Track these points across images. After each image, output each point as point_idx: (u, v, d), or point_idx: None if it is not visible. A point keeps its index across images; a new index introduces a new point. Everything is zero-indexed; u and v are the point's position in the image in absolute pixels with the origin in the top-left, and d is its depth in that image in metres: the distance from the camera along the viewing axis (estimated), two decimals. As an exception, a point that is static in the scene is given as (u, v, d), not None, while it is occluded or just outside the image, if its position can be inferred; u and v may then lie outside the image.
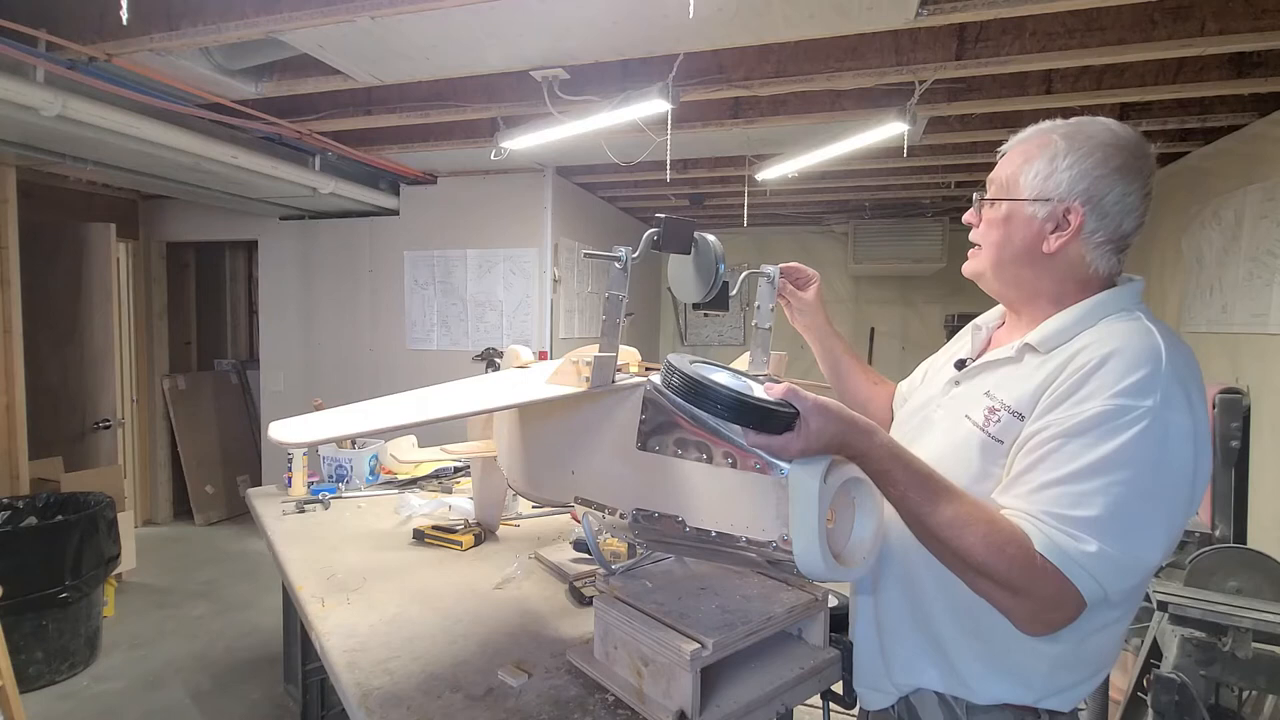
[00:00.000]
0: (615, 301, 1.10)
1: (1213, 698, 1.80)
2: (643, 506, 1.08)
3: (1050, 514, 0.82)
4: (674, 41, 2.21)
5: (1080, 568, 0.80)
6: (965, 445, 0.96)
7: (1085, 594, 0.81)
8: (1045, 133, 0.96)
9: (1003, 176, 0.99)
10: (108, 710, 2.80)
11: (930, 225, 5.35)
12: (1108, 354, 0.85)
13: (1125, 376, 0.82)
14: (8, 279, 3.41)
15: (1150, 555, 0.83)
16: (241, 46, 2.38)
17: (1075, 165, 0.91)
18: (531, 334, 4.25)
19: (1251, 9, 2.02)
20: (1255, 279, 2.81)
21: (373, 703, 1.18)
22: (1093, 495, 0.81)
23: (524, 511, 2.26)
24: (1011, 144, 1.00)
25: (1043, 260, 0.95)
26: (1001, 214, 0.97)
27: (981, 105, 2.77)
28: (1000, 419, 0.93)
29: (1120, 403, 0.81)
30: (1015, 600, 0.84)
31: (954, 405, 1.03)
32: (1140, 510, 0.81)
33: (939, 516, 0.85)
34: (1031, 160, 0.95)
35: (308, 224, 4.69)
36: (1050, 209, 0.93)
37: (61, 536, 2.96)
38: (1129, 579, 0.84)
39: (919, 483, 0.87)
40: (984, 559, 0.83)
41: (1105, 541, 0.80)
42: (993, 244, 1.00)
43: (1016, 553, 0.82)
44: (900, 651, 1.04)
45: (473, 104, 2.87)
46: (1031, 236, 0.95)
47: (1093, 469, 0.81)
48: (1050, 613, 0.83)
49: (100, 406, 4.12)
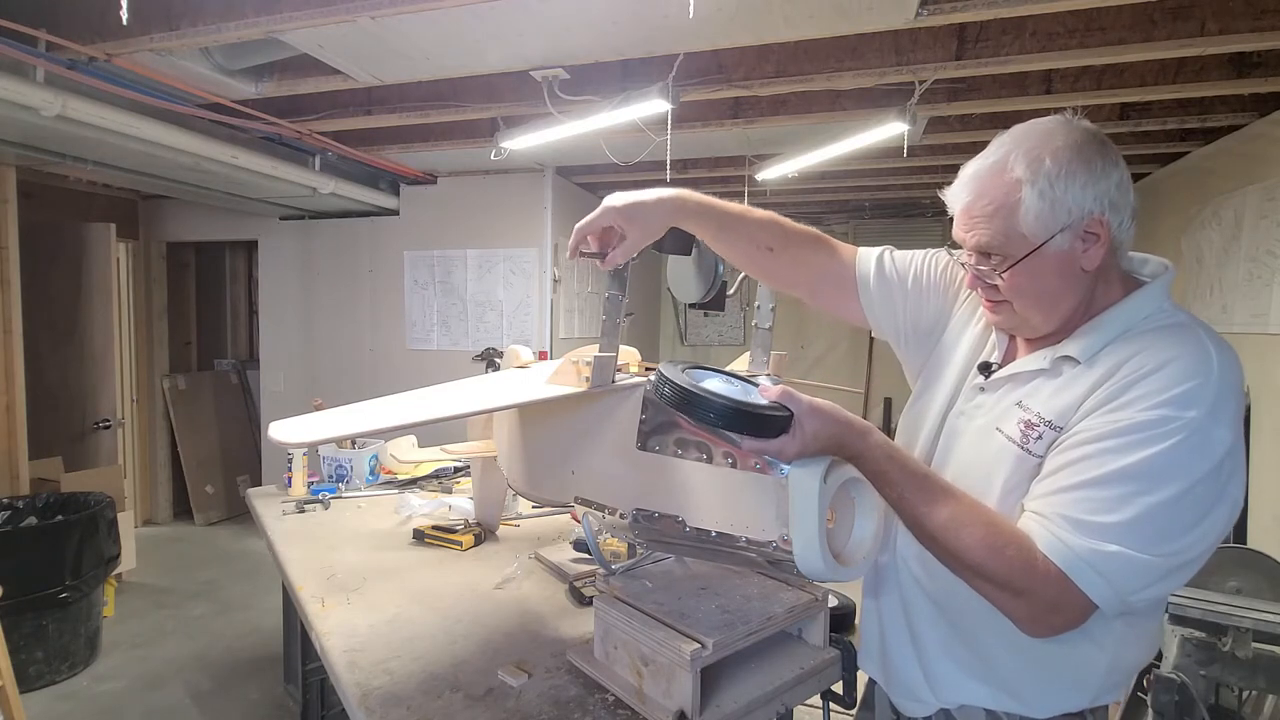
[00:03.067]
0: (615, 301, 1.10)
1: (1213, 698, 1.80)
2: (643, 506, 1.08)
3: (1065, 517, 0.80)
4: (674, 41, 2.21)
5: (1091, 569, 0.78)
6: (999, 459, 0.92)
7: (1098, 599, 0.79)
8: (999, 175, 0.88)
9: (998, 237, 0.89)
10: (108, 710, 2.80)
11: (930, 225, 5.36)
12: (1160, 363, 0.81)
13: (1173, 386, 0.79)
14: (8, 279, 3.41)
15: (1184, 555, 0.79)
16: (241, 46, 2.38)
17: (1073, 183, 0.85)
18: (531, 334, 4.25)
19: (1251, 9, 2.01)
20: (1255, 279, 2.81)
21: (373, 703, 1.18)
22: (1118, 503, 0.78)
23: (524, 511, 2.26)
24: (959, 201, 0.92)
25: (1084, 278, 0.90)
26: (1026, 272, 0.89)
27: (981, 105, 2.77)
28: (1040, 434, 0.89)
29: (1162, 413, 0.78)
30: (1016, 602, 0.82)
31: (981, 416, 0.98)
32: (1164, 522, 0.78)
33: (936, 517, 0.84)
34: (1016, 209, 0.86)
35: (308, 224, 4.69)
36: (1073, 233, 0.87)
37: (61, 536, 2.96)
38: (1156, 580, 0.80)
39: (916, 483, 0.86)
40: (982, 560, 0.82)
41: (1127, 544, 0.78)
42: (1032, 297, 0.91)
43: (1016, 554, 0.81)
44: (942, 669, 1.01)
45: (473, 104, 2.87)
46: (1067, 266, 0.88)
47: (1119, 476, 0.79)
48: (1050, 616, 0.82)
49: (100, 406, 4.12)
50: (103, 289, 4.10)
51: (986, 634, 0.95)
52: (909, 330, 1.13)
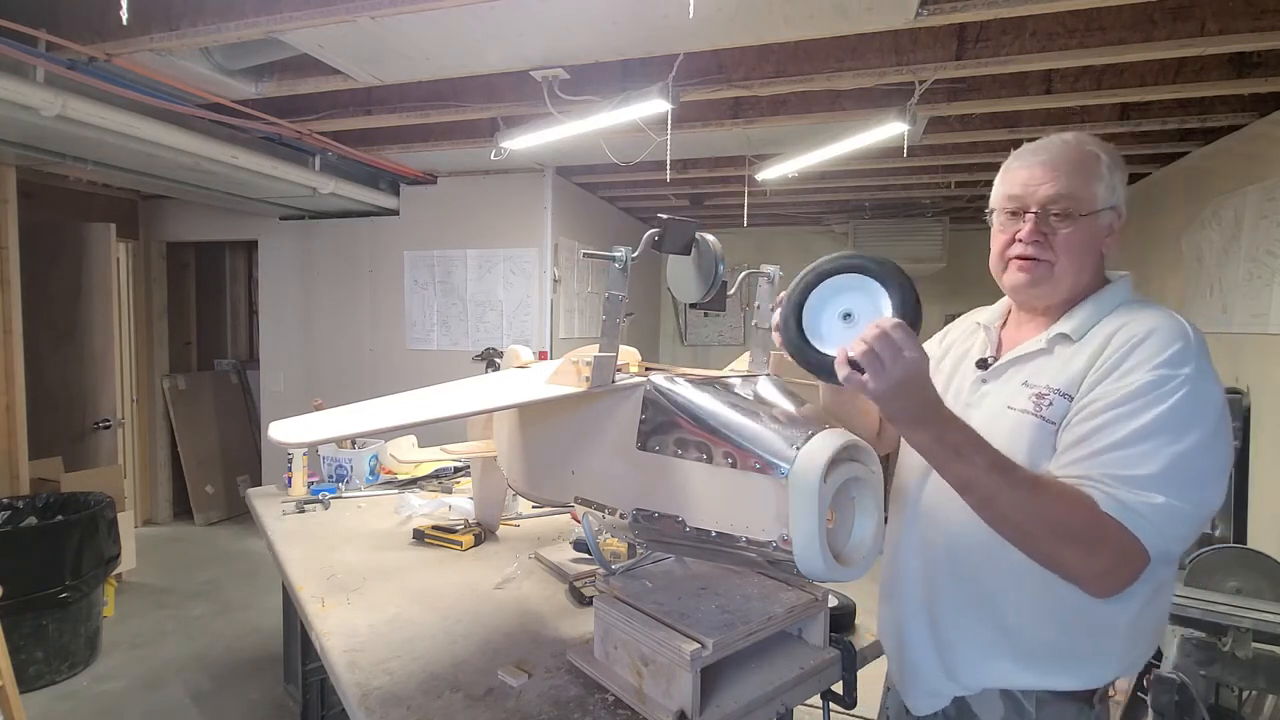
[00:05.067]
0: (615, 301, 1.10)
1: (1213, 698, 1.80)
2: (643, 506, 1.08)
3: (1110, 475, 0.87)
4: (674, 41, 2.21)
5: (1145, 520, 0.85)
6: (1017, 432, 0.98)
7: (1149, 546, 0.86)
8: (1081, 145, 1.03)
9: (1075, 191, 1.01)
10: (108, 710, 2.80)
11: (930, 225, 5.35)
12: (1148, 331, 0.93)
13: (1164, 349, 0.90)
14: (8, 279, 3.41)
15: (1208, 504, 0.89)
16: (241, 46, 2.38)
17: (1121, 177, 1.03)
18: (531, 334, 4.25)
19: (1251, 9, 2.02)
20: (1255, 279, 2.81)
21: (373, 703, 1.18)
22: (1148, 456, 0.86)
23: (524, 511, 2.26)
24: (1039, 156, 1.04)
25: (1097, 260, 1.05)
26: (1083, 230, 1.02)
27: (981, 105, 2.77)
28: (1052, 401, 0.97)
29: (1163, 372, 0.88)
30: (1090, 560, 0.88)
31: (989, 402, 1.06)
32: (1194, 465, 0.86)
33: (1017, 489, 0.88)
34: (1094, 174, 1.01)
35: (308, 224, 4.69)
36: (1112, 215, 1.03)
37: (61, 536, 2.96)
38: (1190, 528, 0.89)
39: (992, 458, 0.88)
40: (1064, 517, 0.87)
41: (1169, 494, 0.85)
42: (1076, 257, 1.03)
43: (1089, 512, 0.87)
44: (966, 650, 1.05)
45: (473, 104, 2.87)
46: (1098, 243, 1.04)
47: (1144, 432, 0.87)
48: (1121, 568, 0.88)
49: (100, 406, 4.12)
50: (103, 289, 4.10)
51: (1011, 608, 1.00)
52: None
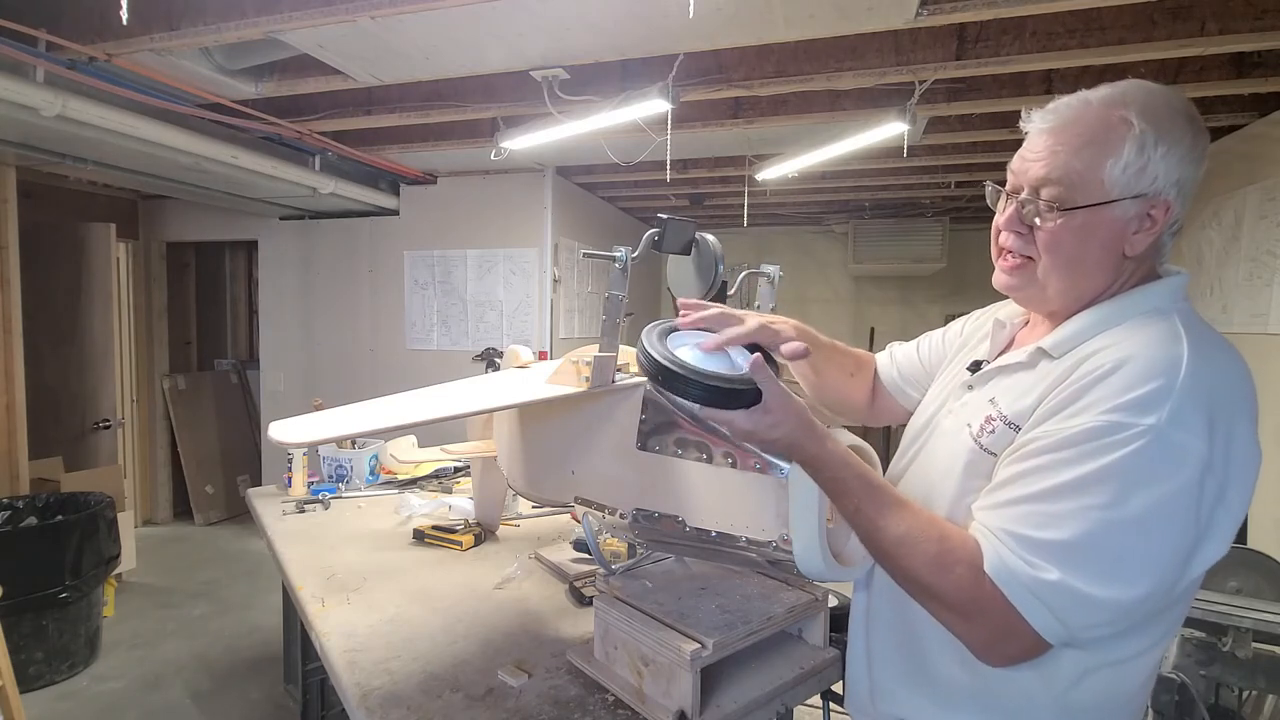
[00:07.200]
0: (615, 301, 1.09)
1: (1213, 698, 1.80)
2: (643, 506, 1.08)
3: (1011, 533, 0.74)
4: (674, 41, 2.21)
5: (1032, 596, 0.72)
6: (953, 457, 0.89)
7: (1041, 630, 0.72)
8: (1110, 108, 0.78)
9: (1072, 174, 0.78)
10: (108, 710, 2.80)
11: (930, 225, 5.35)
12: (1119, 361, 0.73)
13: (1131, 389, 0.71)
14: (8, 279, 3.40)
15: (1125, 594, 0.70)
16: (241, 46, 2.38)
17: (1171, 152, 0.76)
18: (531, 334, 4.25)
19: (1251, 9, 2.01)
20: (1255, 279, 2.81)
21: (373, 703, 1.18)
22: (1063, 518, 0.71)
23: (524, 511, 2.26)
24: (1046, 122, 0.82)
25: (1118, 264, 0.81)
26: (1076, 227, 0.79)
27: (981, 105, 2.77)
28: (994, 429, 0.83)
29: (1115, 419, 0.70)
30: (966, 626, 0.77)
31: (964, 413, 0.92)
32: (1121, 542, 0.70)
33: (890, 531, 0.80)
34: (1111, 150, 0.77)
35: (308, 224, 4.69)
36: (1141, 206, 0.78)
37: (61, 536, 2.96)
38: (1096, 618, 0.72)
39: (871, 494, 0.82)
40: (930, 579, 0.77)
41: (1068, 571, 0.70)
42: (1065, 260, 0.81)
43: (965, 573, 0.75)
44: (885, 677, 0.98)
45: (473, 104, 2.87)
46: (1113, 240, 0.79)
47: (1069, 489, 0.71)
48: (1003, 643, 0.75)
49: (100, 406, 4.12)
50: (103, 289, 4.10)
51: (933, 642, 0.89)
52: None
